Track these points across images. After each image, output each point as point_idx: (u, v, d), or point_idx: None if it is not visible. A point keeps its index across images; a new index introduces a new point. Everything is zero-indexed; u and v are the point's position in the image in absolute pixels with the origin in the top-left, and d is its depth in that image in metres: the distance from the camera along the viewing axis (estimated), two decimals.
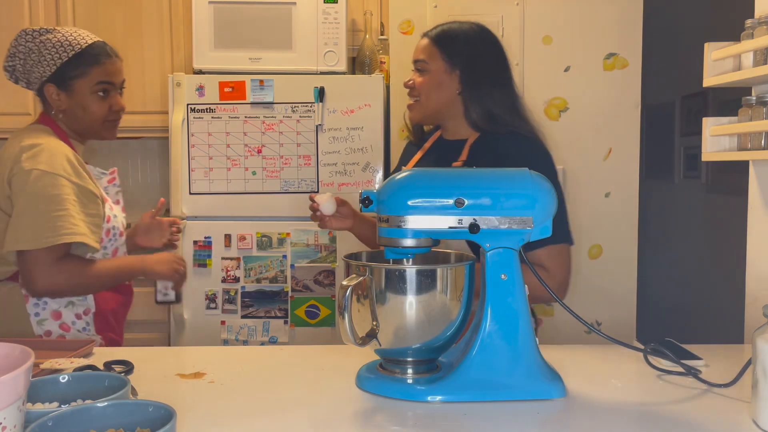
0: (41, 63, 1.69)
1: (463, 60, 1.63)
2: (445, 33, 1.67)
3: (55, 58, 1.68)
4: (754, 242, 1.69)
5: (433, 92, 1.65)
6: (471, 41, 1.65)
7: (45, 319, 1.68)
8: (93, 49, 1.72)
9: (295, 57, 2.70)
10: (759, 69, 1.49)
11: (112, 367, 1.27)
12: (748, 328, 1.67)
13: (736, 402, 1.13)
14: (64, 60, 1.69)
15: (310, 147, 2.67)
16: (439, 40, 1.65)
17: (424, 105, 1.67)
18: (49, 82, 1.70)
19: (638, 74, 2.73)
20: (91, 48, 1.72)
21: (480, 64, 1.64)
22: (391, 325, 1.15)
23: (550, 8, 2.72)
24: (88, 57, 1.71)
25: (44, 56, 1.69)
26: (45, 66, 1.69)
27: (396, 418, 1.07)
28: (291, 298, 2.69)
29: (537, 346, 1.16)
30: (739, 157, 1.60)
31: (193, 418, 1.05)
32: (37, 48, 1.69)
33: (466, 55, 1.64)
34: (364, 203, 1.18)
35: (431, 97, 1.66)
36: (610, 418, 1.06)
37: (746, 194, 1.71)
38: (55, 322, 1.69)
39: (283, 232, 2.69)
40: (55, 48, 1.68)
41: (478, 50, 1.65)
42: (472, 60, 1.64)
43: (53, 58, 1.68)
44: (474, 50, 1.65)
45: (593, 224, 2.77)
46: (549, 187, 1.17)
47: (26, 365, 0.82)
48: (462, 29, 1.67)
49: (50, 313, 1.69)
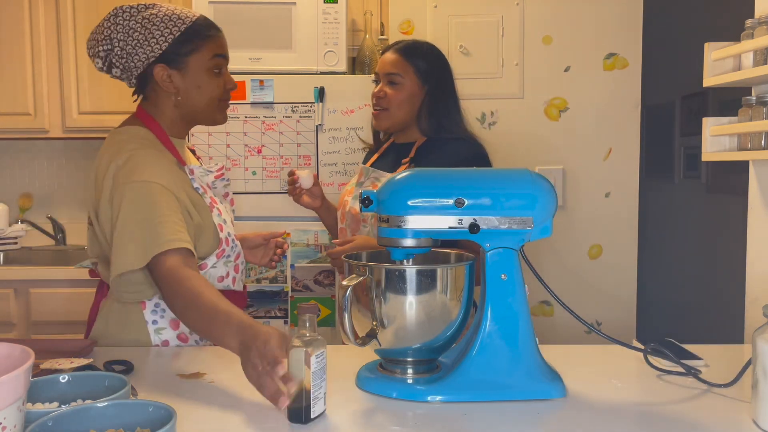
0: (148, 41, 1.50)
1: (431, 77, 1.83)
2: (416, 49, 1.85)
3: (165, 34, 1.50)
4: (754, 242, 1.69)
5: (405, 104, 1.82)
6: (436, 59, 1.86)
7: (163, 328, 1.53)
8: (201, 22, 1.55)
9: (295, 57, 2.70)
10: (759, 69, 1.49)
11: (112, 367, 1.27)
12: (748, 328, 1.67)
13: (736, 402, 1.13)
14: (175, 35, 1.50)
15: (310, 147, 2.67)
16: (410, 56, 1.83)
17: (394, 115, 1.83)
18: (158, 62, 1.51)
19: (638, 74, 2.73)
20: (199, 21, 1.55)
21: (443, 80, 1.85)
22: (391, 325, 1.15)
23: (550, 8, 2.72)
24: (200, 30, 1.53)
25: (152, 33, 1.49)
26: (153, 44, 1.50)
27: (396, 418, 1.07)
28: (291, 298, 2.69)
29: (537, 346, 1.16)
30: (739, 157, 1.60)
31: (193, 418, 1.05)
32: (141, 26, 1.50)
33: (433, 72, 1.84)
34: (364, 203, 1.18)
35: (402, 109, 1.83)
36: (610, 418, 1.06)
37: (746, 194, 1.71)
38: (173, 332, 1.54)
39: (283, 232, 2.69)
40: (163, 23, 1.50)
41: (440, 67, 1.86)
42: (438, 77, 1.84)
43: (163, 33, 1.50)
44: (438, 67, 1.85)
45: (593, 224, 2.77)
46: (549, 187, 1.17)
47: (26, 365, 0.82)
48: (426, 47, 1.87)
49: (168, 321, 1.53)
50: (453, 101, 1.87)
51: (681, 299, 2.95)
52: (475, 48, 2.75)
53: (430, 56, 1.85)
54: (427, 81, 1.83)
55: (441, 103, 1.83)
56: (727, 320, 2.50)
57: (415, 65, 1.82)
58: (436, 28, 2.77)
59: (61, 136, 3.00)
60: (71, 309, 2.69)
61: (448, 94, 1.86)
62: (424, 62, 1.83)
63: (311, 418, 1.03)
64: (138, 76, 1.56)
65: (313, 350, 1.02)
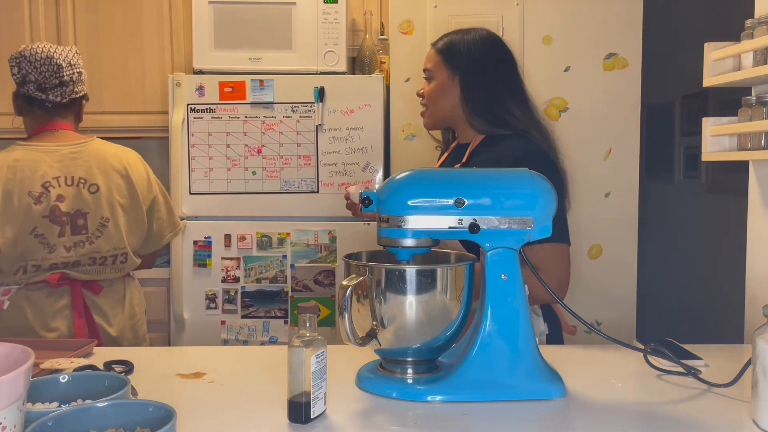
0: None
1: (461, 66, 1.67)
2: (448, 41, 1.71)
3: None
4: (754, 242, 1.69)
5: (439, 99, 1.70)
6: (471, 48, 1.68)
7: None
8: None
9: (295, 57, 2.70)
10: (759, 69, 1.49)
11: (112, 367, 1.27)
12: (748, 328, 1.66)
13: (736, 402, 1.13)
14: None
15: (310, 147, 2.67)
16: (442, 48, 1.71)
17: (432, 112, 1.73)
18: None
19: (638, 74, 2.73)
20: None
21: (479, 69, 1.67)
22: (391, 325, 1.15)
23: (550, 8, 2.72)
24: None
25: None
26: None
27: (396, 418, 1.07)
28: (291, 298, 2.69)
29: (537, 346, 1.16)
30: (739, 157, 1.60)
31: (193, 418, 1.05)
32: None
33: (465, 62, 1.67)
34: (364, 203, 1.18)
35: (438, 104, 1.71)
36: (610, 418, 1.06)
37: (746, 194, 1.71)
38: None
39: (283, 232, 2.69)
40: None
41: (477, 56, 1.67)
42: (471, 66, 1.67)
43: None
44: (474, 56, 1.67)
45: (593, 224, 2.77)
46: (549, 187, 1.17)
47: (26, 365, 0.82)
48: (464, 37, 1.70)
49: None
50: (506, 91, 1.66)
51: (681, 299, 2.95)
52: None
53: (461, 44, 1.68)
54: (458, 69, 1.67)
55: (481, 92, 1.65)
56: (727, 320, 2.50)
57: (443, 55, 1.69)
58: (436, 28, 2.77)
59: None
60: None
61: (492, 83, 1.66)
62: (453, 50, 1.68)
63: (311, 418, 1.03)
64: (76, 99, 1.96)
65: (313, 350, 1.02)
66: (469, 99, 1.66)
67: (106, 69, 2.94)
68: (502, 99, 1.65)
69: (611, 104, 2.74)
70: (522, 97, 1.68)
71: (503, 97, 1.65)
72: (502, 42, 1.71)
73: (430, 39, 2.62)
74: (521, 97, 1.68)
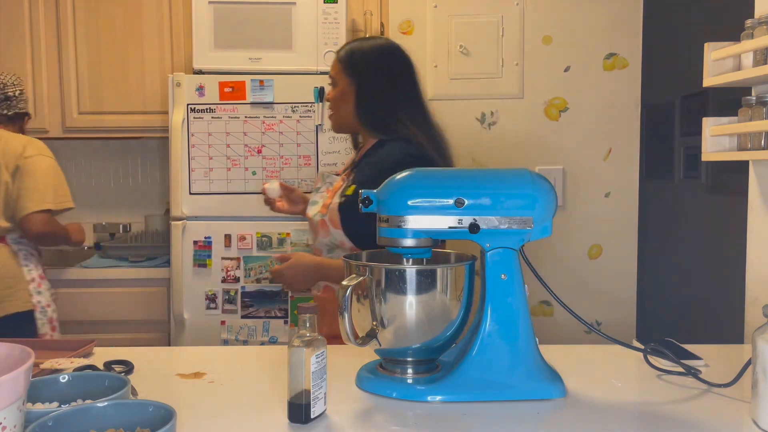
0: None
1: (357, 74, 1.75)
2: (349, 49, 1.79)
3: None
4: (754, 242, 1.69)
5: (340, 105, 1.78)
6: (367, 56, 1.76)
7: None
8: None
9: (295, 57, 2.70)
10: (759, 69, 1.49)
11: (112, 367, 1.27)
12: (748, 328, 1.67)
13: (736, 402, 1.13)
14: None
15: (310, 147, 2.67)
16: (342, 56, 1.78)
17: (335, 117, 1.81)
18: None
19: (638, 74, 2.73)
20: None
21: (370, 76, 1.74)
22: (391, 325, 1.15)
23: (550, 8, 2.72)
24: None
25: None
26: None
27: (396, 418, 1.07)
28: (291, 298, 2.69)
29: (537, 346, 1.16)
30: (739, 157, 1.60)
31: (193, 418, 1.05)
32: None
33: (360, 69, 1.75)
34: (364, 203, 1.18)
35: (340, 110, 1.78)
36: (610, 418, 1.06)
37: (746, 194, 1.71)
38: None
39: (283, 232, 2.69)
40: None
41: (372, 64, 1.75)
42: (366, 73, 1.74)
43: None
44: (369, 64, 1.75)
45: (593, 224, 2.77)
46: (549, 187, 1.17)
47: (26, 365, 0.82)
48: (362, 45, 1.78)
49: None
50: (396, 98, 1.72)
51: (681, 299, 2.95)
52: (475, 48, 2.75)
53: (359, 52, 1.76)
54: (354, 74, 1.74)
55: (371, 99, 1.72)
56: (727, 320, 2.50)
57: (342, 63, 1.76)
58: (436, 28, 2.77)
59: (60, 136, 2.99)
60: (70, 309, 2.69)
61: (381, 90, 1.72)
62: (352, 59, 1.75)
63: (311, 418, 1.03)
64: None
65: (313, 350, 1.02)
66: (360, 104, 1.74)
67: (106, 69, 2.94)
68: (392, 105, 1.72)
69: (611, 104, 2.74)
70: (415, 103, 1.75)
71: (393, 104, 1.72)
72: (400, 50, 1.78)
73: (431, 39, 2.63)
74: (414, 104, 1.75)
